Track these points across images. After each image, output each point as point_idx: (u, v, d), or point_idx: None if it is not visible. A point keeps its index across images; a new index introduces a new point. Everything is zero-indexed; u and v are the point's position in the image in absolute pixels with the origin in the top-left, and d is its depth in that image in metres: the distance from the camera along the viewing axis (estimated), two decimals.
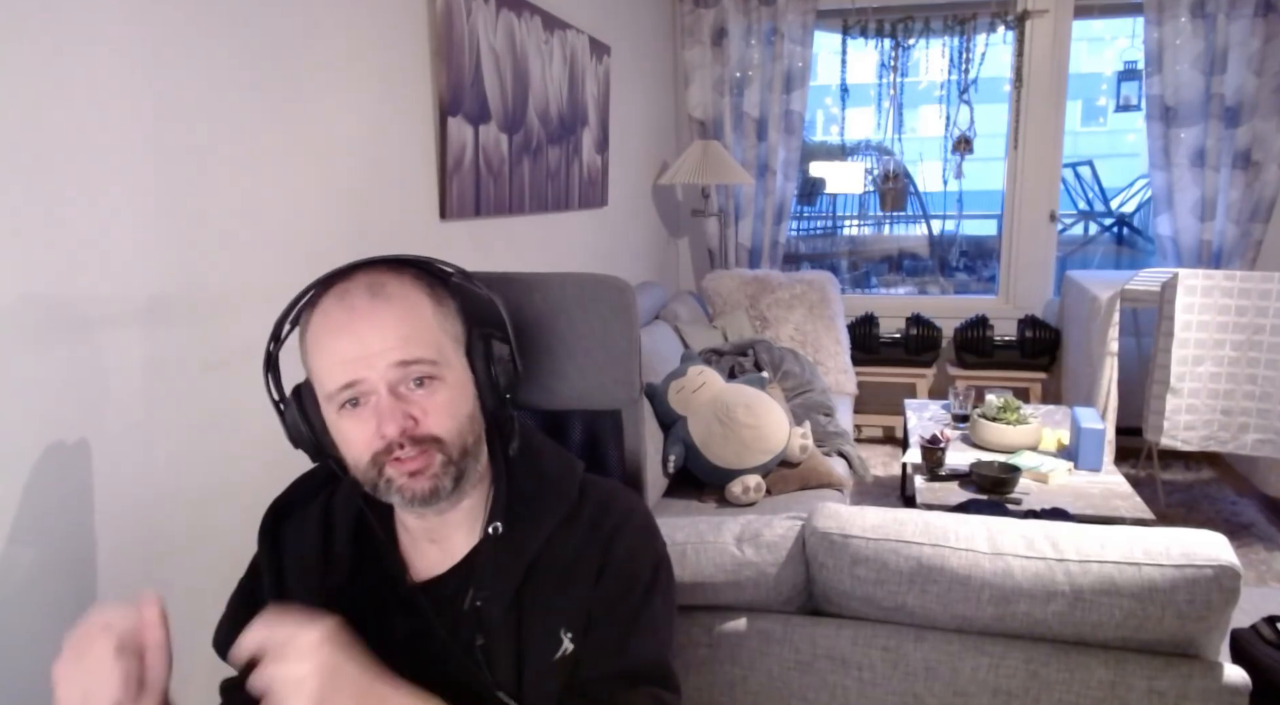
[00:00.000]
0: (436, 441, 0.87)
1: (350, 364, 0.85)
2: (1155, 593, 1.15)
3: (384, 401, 0.85)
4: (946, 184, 4.24)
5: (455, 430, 0.89)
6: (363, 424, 0.86)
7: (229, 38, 1.37)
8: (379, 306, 0.86)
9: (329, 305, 0.87)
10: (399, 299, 0.88)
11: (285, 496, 1.01)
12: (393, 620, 0.94)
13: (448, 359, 0.90)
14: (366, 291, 0.87)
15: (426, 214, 2.04)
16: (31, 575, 1.07)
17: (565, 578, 0.94)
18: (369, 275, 0.89)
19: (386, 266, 0.91)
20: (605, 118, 3.22)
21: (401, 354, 0.85)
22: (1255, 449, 2.97)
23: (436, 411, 0.87)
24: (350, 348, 0.85)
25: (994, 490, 2.52)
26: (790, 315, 3.86)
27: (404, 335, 0.86)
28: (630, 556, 0.96)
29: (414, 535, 0.97)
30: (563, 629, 0.93)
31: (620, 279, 1.12)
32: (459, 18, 2.08)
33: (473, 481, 0.93)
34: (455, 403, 0.89)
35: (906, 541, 1.25)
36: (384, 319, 0.86)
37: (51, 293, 1.09)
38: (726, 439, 2.53)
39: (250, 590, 0.98)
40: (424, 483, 0.87)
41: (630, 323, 1.11)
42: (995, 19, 4.00)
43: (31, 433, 1.07)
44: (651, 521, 1.02)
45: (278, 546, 0.97)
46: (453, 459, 0.88)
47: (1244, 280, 2.91)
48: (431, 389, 0.87)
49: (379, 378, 0.85)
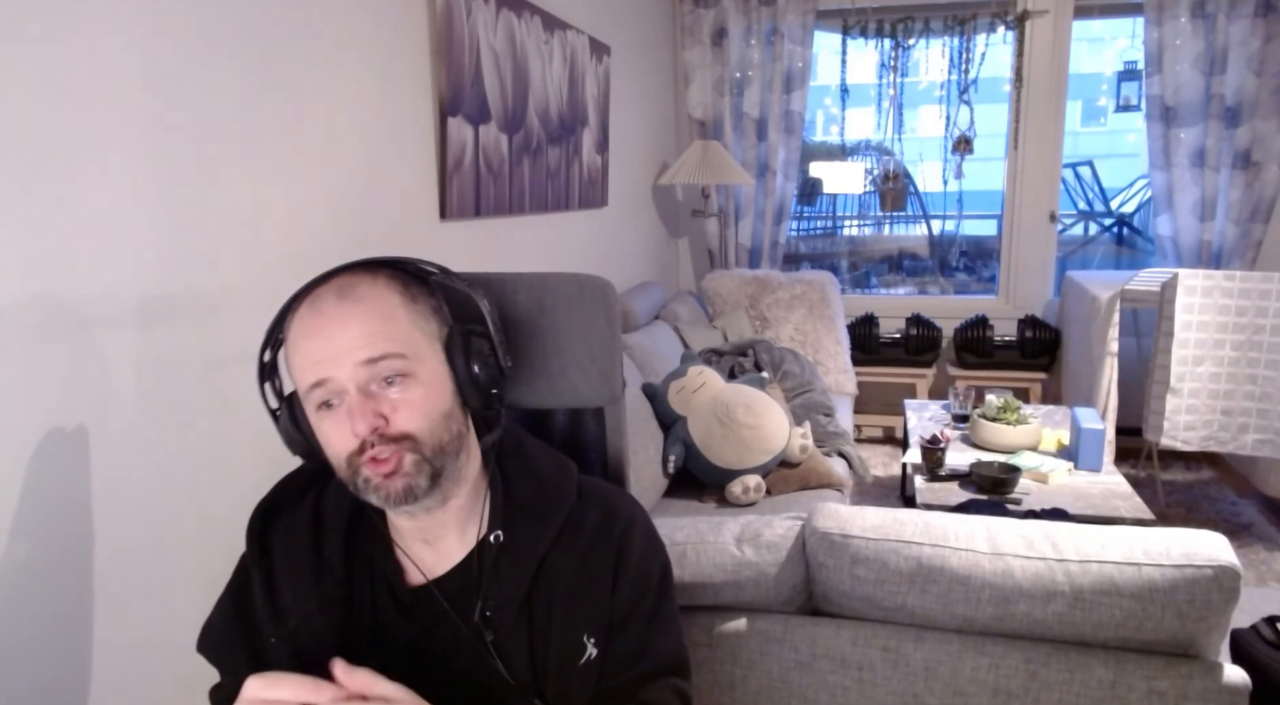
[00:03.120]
0: (409, 439, 0.87)
1: (318, 364, 0.86)
2: (1155, 593, 1.15)
3: (353, 400, 0.86)
4: (946, 184, 4.24)
5: (429, 428, 0.88)
6: (338, 425, 0.87)
7: (229, 37, 1.37)
8: (347, 307, 0.87)
9: (302, 311, 0.89)
10: (368, 299, 0.88)
11: (272, 497, 1.00)
12: (391, 623, 0.94)
13: (420, 355, 0.89)
14: (336, 293, 0.88)
15: (426, 214, 2.04)
16: (29, 574, 1.07)
17: (578, 583, 0.95)
18: (342, 279, 0.90)
19: (363, 269, 0.92)
20: (605, 118, 3.22)
21: (368, 352, 0.86)
22: (1255, 449, 2.97)
23: (408, 409, 0.87)
24: (318, 348, 0.86)
25: (994, 490, 2.52)
26: (790, 315, 3.86)
27: (370, 333, 0.86)
28: (642, 562, 0.99)
29: (406, 536, 0.96)
30: (585, 635, 0.94)
31: (602, 278, 1.12)
32: (459, 18, 2.08)
33: (455, 480, 0.92)
34: (430, 400, 0.89)
35: (906, 541, 1.25)
36: (350, 318, 0.87)
37: (51, 292, 1.09)
38: (726, 439, 2.53)
39: (240, 591, 0.97)
40: (398, 482, 0.87)
41: (612, 321, 1.12)
42: (995, 19, 4.00)
43: (30, 432, 1.07)
44: (651, 523, 1.04)
45: (267, 547, 0.96)
46: (426, 457, 0.88)
47: (1244, 280, 2.91)
48: (403, 386, 0.87)
49: (347, 377, 0.86)
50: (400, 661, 0.93)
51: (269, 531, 0.97)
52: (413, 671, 0.92)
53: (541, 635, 0.93)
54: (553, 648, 0.93)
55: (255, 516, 0.97)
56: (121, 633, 1.20)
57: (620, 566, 0.96)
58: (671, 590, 1.02)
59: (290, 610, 0.92)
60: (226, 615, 0.96)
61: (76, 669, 1.14)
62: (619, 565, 0.96)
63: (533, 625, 0.93)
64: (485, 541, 0.95)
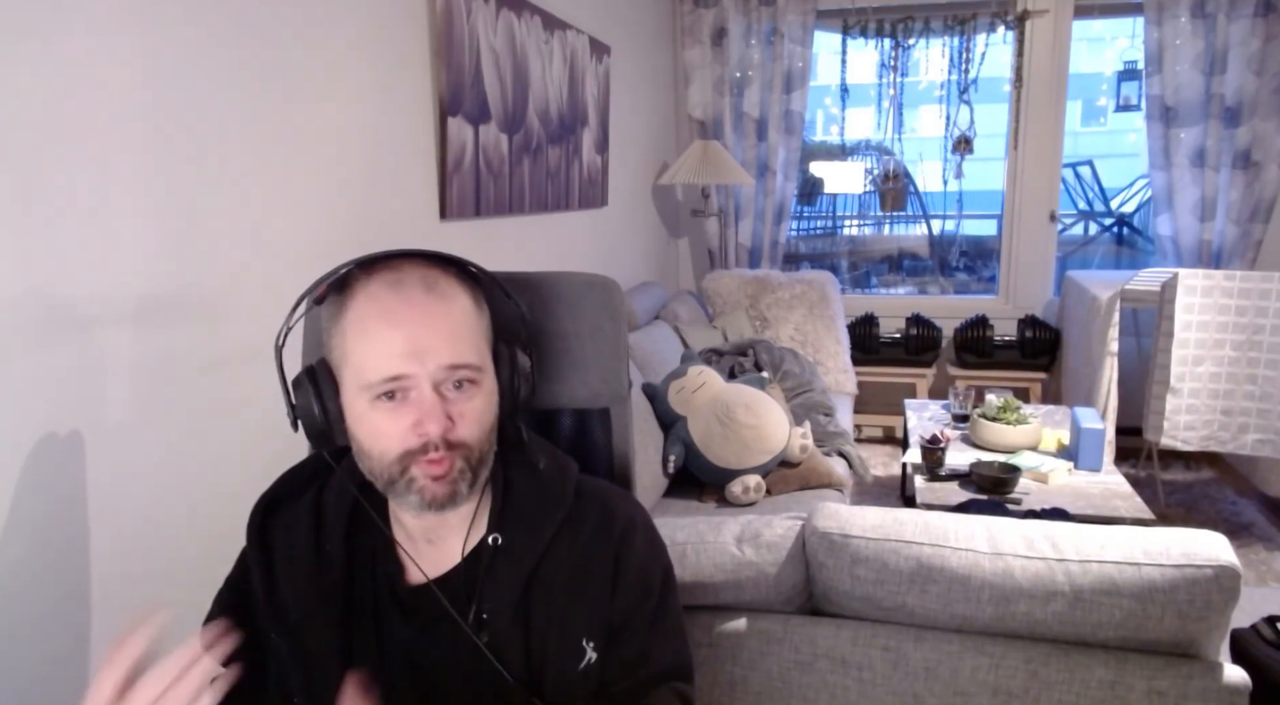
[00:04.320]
0: (465, 447, 0.87)
1: (401, 357, 0.83)
2: (1155, 593, 1.15)
3: (428, 399, 0.84)
4: (946, 184, 4.24)
5: (481, 437, 0.89)
6: (399, 418, 0.85)
7: (229, 37, 1.37)
8: (434, 303, 0.85)
9: (378, 292, 0.85)
10: (455, 301, 0.87)
11: (273, 491, 0.99)
12: (389, 622, 0.94)
13: (486, 366, 0.90)
14: (421, 284, 0.86)
15: (426, 214, 2.04)
16: (27, 574, 1.07)
17: (576, 586, 0.94)
18: (420, 269, 0.88)
19: (432, 261, 0.90)
20: (605, 118, 3.22)
21: (453, 357, 0.85)
22: (1255, 449, 2.97)
23: (471, 417, 0.87)
24: (404, 341, 0.84)
25: (994, 490, 2.52)
26: (790, 315, 3.85)
27: (458, 337, 0.86)
28: (642, 565, 0.97)
29: (411, 535, 0.96)
30: (584, 639, 0.93)
31: (609, 278, 1.12)
32: (459, 18, 2.08)
33: (480, 487, 0.93)
34: (486, 410, 0.89)
35: (906, 541, 1.25)
36: (439, 317, 0.85)
37: (50, 291, 1.09)
38: (726, 439, 2.53)
39: (239, 586, 0.96)
40: (444, 487, 0.86)
41: (619, 322, 1.11)
42: (995, 19, 4.00)
43: (29, 431, 1.07)
44: (653, 524, 1.03)
45: (267, 542, 0.95)
46: (472, 465, 0.88)
47: (1244, 280, 2.91)
48: (470, 394, 0.87)
49: (426, 376, 0.84)
50: (398, 660, 0.93)
51: (269, 527, 0.96)
52: (410, 671, 0.91)
53: (539, 638, 0.93)
54: (550, 651, 0.92)
55: (256, 512, 0.97)
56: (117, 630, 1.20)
57: (620, 569, 0.95)
58: (674, 593, 1.00)
59: (290, 606, 0.92)
60: (226, 608, 0.95)
61: (74, 666, 1.14)
62: (618, 568, 0.95)
63: (530, 628, 0.93)
64: (484, 543, 0.95)
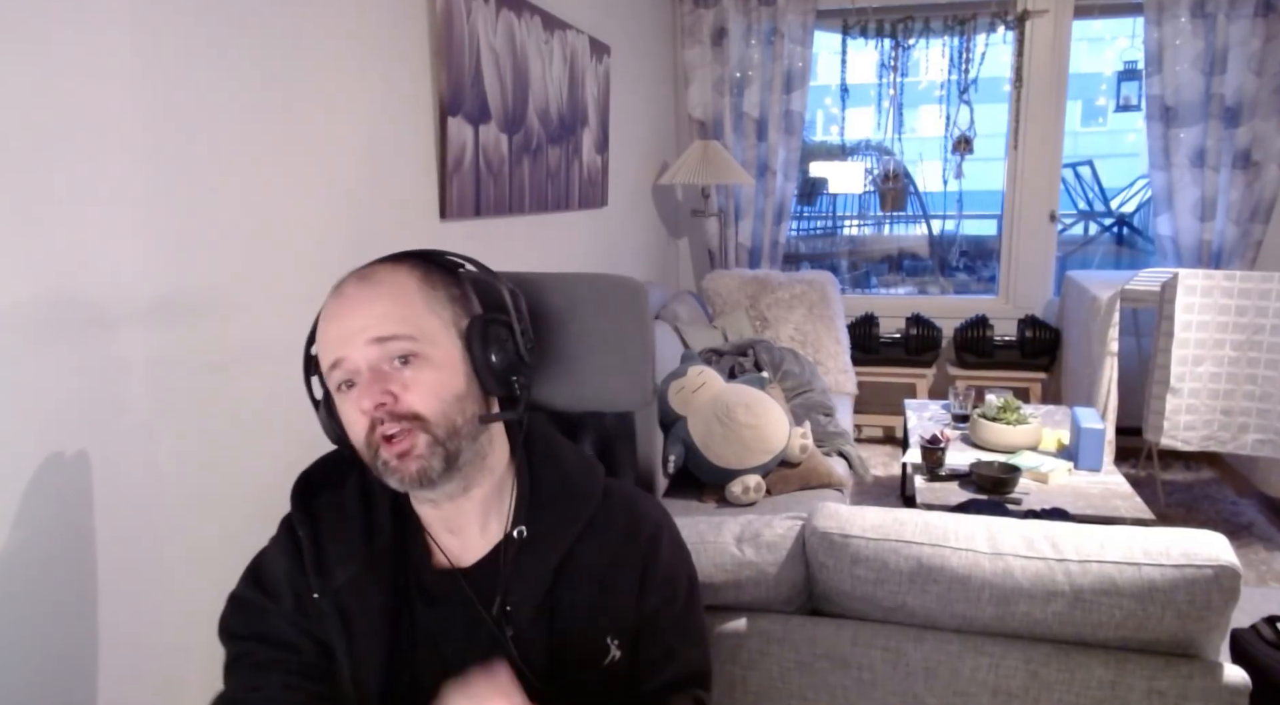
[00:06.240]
0: (418, 419, 0.88)
1: (335, 344, 0.89)
2: (1155, 593, 1.15)
3: (363, 376, 0.88)
4: (946, 184, 4.24)
5: (439, 410, 0.89)
6: (354, 405, 0.88)
7: (230, 38, 1.37)
8: (364, 289, 0.90)
9: (328, 299, 0.92)
10: (385, 283, 0.91)
11: (314, 469, 1.00)
12: (412, 605, 0.94)
13: (433, 339, 0.90)
14: (356, 279, 0.92)
15: (426, 214, 2.04)
16: (32, 576, 1.07)
17: (603, 585, 0.95)
18: (367, 267, 0.93)
19: (390, 258, 0.95)
20: (605, 118, 3.22)
21: (378, 330, 0.88)
22: (1255, 449, 2.97)
23: (419, 389, 0.88)
24: (335, 329, 0.89)
25: (994, 490, 2.52)
26: (790, 315, 3.85)
27: (381, 313, 0.89)
28: (670, 569, 0.99)
29: (432, 526, 0.97)
30: (609, 636, 0.94)
31: (634, 279, 1.11)
32: (459, 18, 2.08)
33: (477, 467, 0.93)
34: (442, 383, 0.90)
35: (906, 541, 1.25)
36: (364, 300, 0.90)
37: (53, 293, 1.09)
38: (726, 439, 2.53)
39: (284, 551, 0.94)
40: (412, 464, 0.88)
41: (643, 324, 1.11)
42: (995, 19, 4.00)
43: (33, 433, 1.07)
44: (678, 530, 1.05)
45: (313, 511, 0.95)
46: (439, 439, 0.89)
47: (1244, 280, 2.91)
48: (415, 367, 0.89)
49: (360, 356, 0.88)
50: (418, 646, 0.93)
51: (313, 500, 0.96)
52: (430, 658, 0.92)
53: (562, 634, 0.93)
54: (573, 647, 0.93)
55: (300, 481, 0.98)
56: (122, 630, 1.20)
57: (647, 571, 0.97)
58: (698, 600, 1.03)
59: (336, 569, 0.92)
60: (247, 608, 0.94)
61: (77, 665, 1.14)
62: (646, 569, 0.97)
63: (554, 623, 0.94)
64: (509, 536, 0.95)
